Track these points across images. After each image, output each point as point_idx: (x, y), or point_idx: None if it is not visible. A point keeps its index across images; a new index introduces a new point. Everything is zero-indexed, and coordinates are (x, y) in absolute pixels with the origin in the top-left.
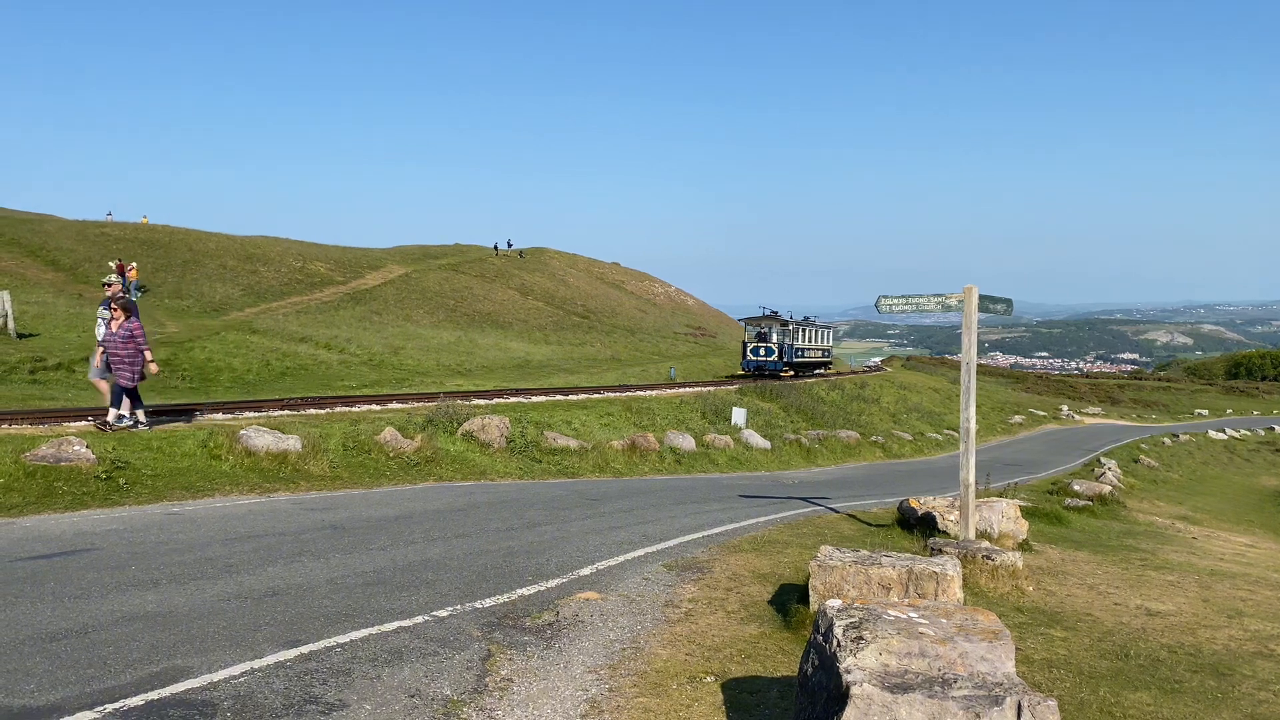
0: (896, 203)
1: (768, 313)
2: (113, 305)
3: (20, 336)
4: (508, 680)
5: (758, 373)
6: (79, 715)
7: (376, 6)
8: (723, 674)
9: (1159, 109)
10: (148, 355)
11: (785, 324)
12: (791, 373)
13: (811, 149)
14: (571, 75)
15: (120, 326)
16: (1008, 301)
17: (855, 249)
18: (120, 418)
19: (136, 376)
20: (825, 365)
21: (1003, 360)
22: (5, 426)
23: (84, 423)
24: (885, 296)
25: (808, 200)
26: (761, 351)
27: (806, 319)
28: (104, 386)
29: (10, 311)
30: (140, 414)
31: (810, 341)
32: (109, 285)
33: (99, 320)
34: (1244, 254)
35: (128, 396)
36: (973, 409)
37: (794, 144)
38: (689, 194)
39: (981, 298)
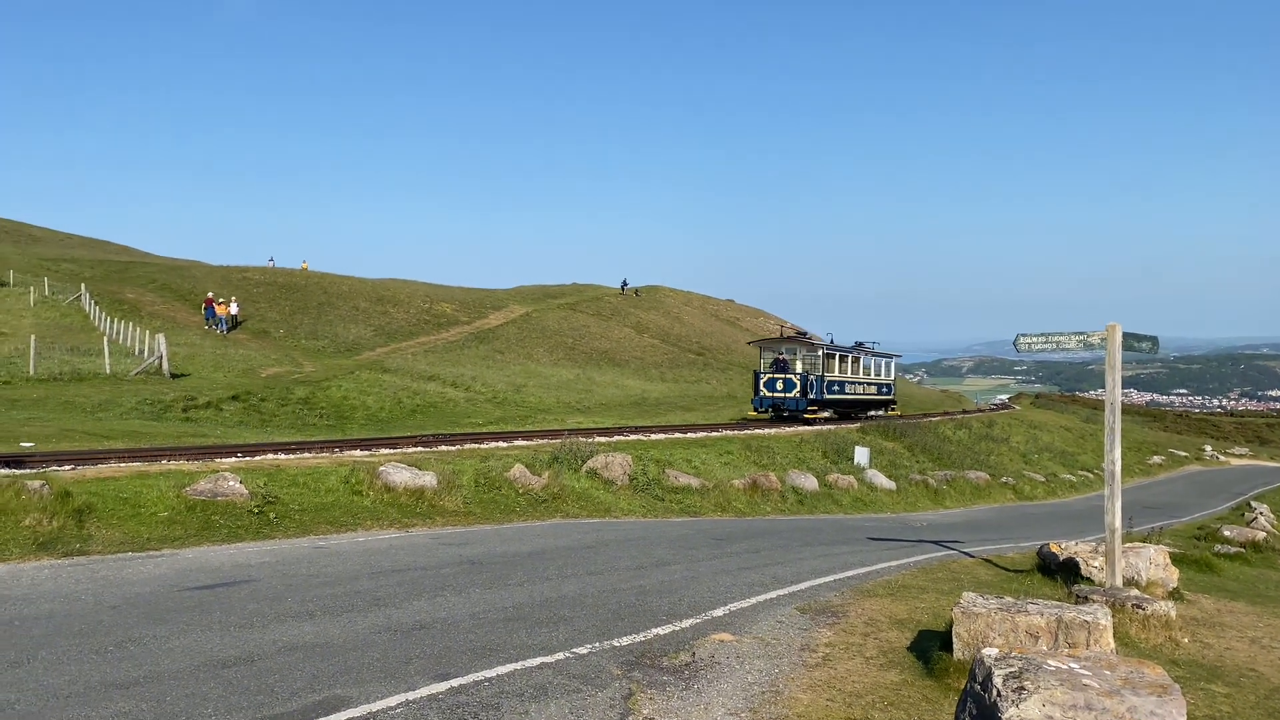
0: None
1: (793, 334)
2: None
3: (173, 376)
4: (650, 719)
5: (775, 413)
6: None
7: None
8: None
9: None
10: None
11: (813, 348)
12: (825, 414)
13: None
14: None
15: None
16: (1153, 339)
17: (979, 282)
18: None
19: None
20: (884, 405)
21: (1138, 398)
22: (166, 462)
23: (235, 458)
24: (1024, 335)
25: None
26: (779, 385)
27: (859, 344)
28: None
29: (165, 353)
30: None
31: (853, 373)
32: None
33: None
34: None
35: None
36: (1118, 450)
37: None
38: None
39: (1126, 335)
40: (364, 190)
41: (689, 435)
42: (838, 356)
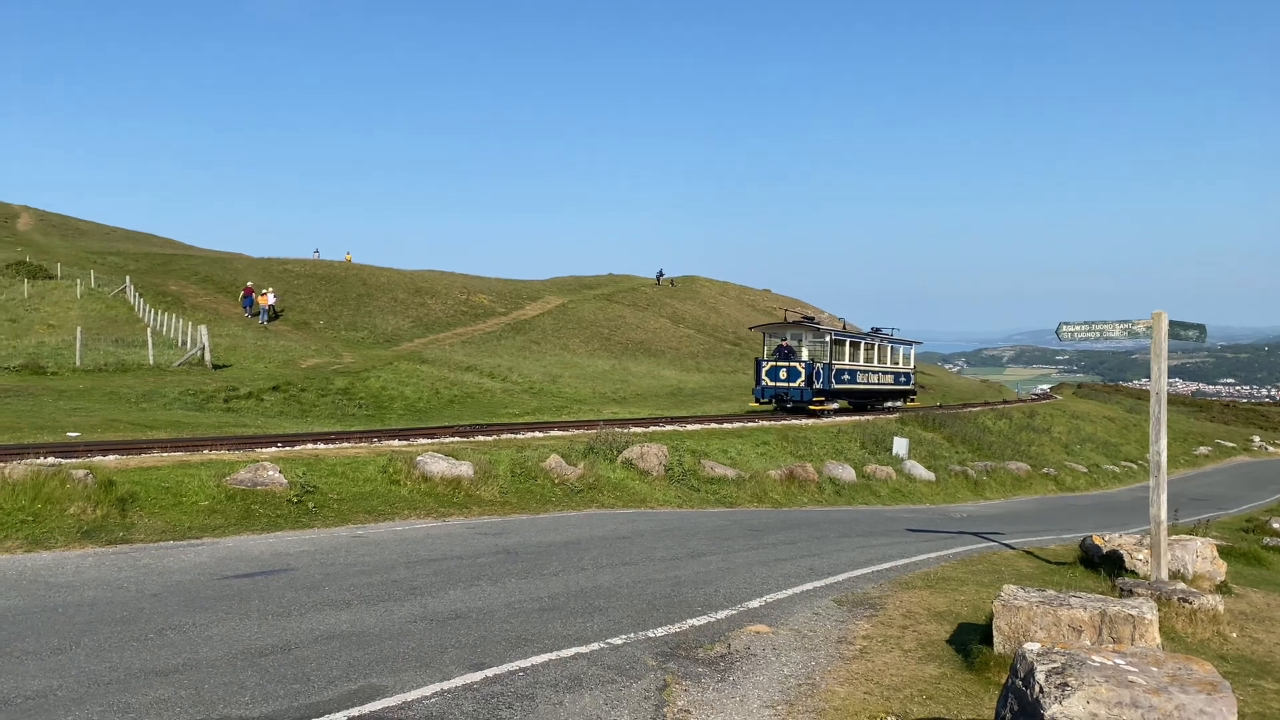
0: (1064, 221)
1: (797, 319)
2: None
3: (215, 367)
4: (685, 712)
5: (778, 404)
6: None
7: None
8: (904, 715)
9: None
10: None
11: (820, 333)
12: (834, 405)
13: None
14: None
15: None
16: (1200, 328)
17: (1020, 271)
18: None
19: None
20: (901, 396)
21: (1184, 387)
22: (207, 452)
23: (275, 448)
24: (1067, 323)
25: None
26: (782, 374)
27: (875, 330)
28: None
29: (207, 345)
30: None
31: (866, 361)
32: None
33: None
34: None
35: None
36: (1164, 441)
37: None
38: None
39: (1172, 324)
40: (405, 183)
41: (725, 426)
42: (848, 343)
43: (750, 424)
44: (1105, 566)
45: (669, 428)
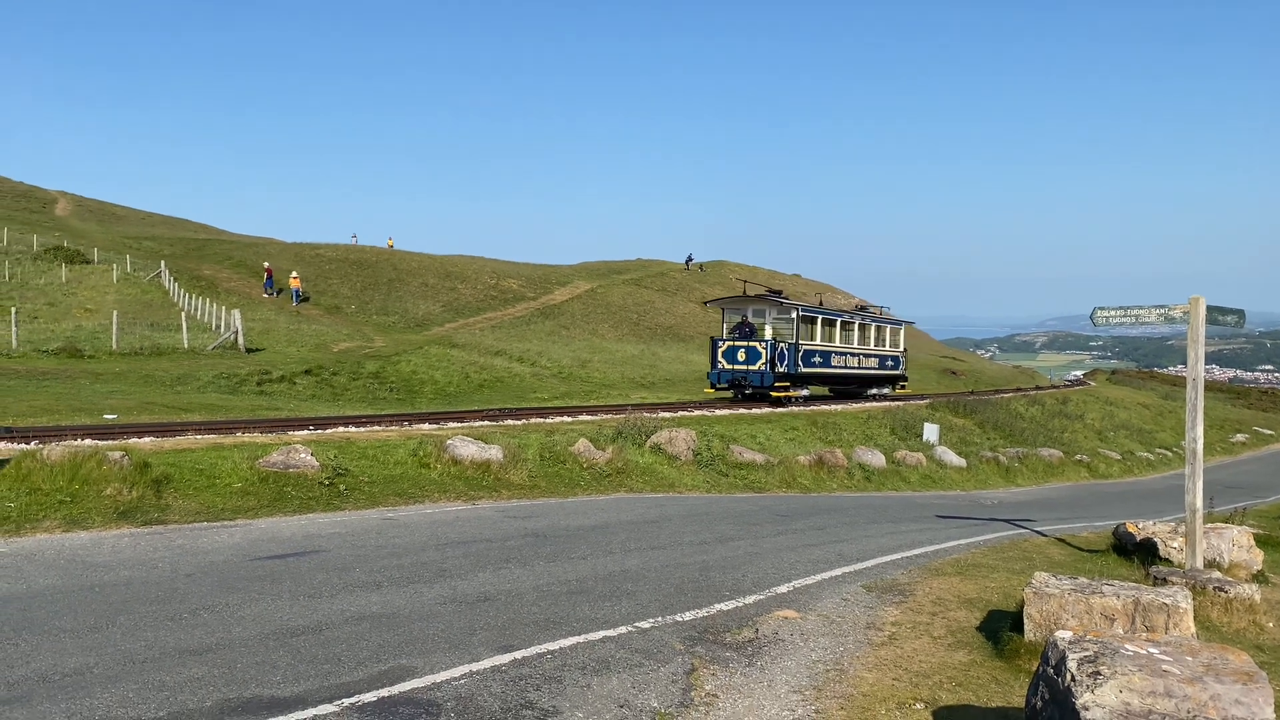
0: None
1: (763, 292)
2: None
3: (249, 351)
4: (713, 696)
5: (736, 391)
6: (320, 708)
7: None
8: (932, 701)
9: None
10: None
11: (786, 309)
12: (803, 392)
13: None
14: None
15: None
16: (1239, 313)
17: (1053, 256)
18: None
19: None
20: (889, 382)
21: (1220, 374)
22: (240, 435)
23: (307, 431)
24: (1102, 308)
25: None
26: (740, 355)
27: (864, 307)
28: None
29: (240, 329)
30: None
31: (843, 342)
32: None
33: None
34: None
35: None
36: (1200, 428)
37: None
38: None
39: (1210, 309)
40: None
41: (753, 411)
42: (820, 321)
43: (779, 409)
44: (1139, 555)
45: (697, 413)
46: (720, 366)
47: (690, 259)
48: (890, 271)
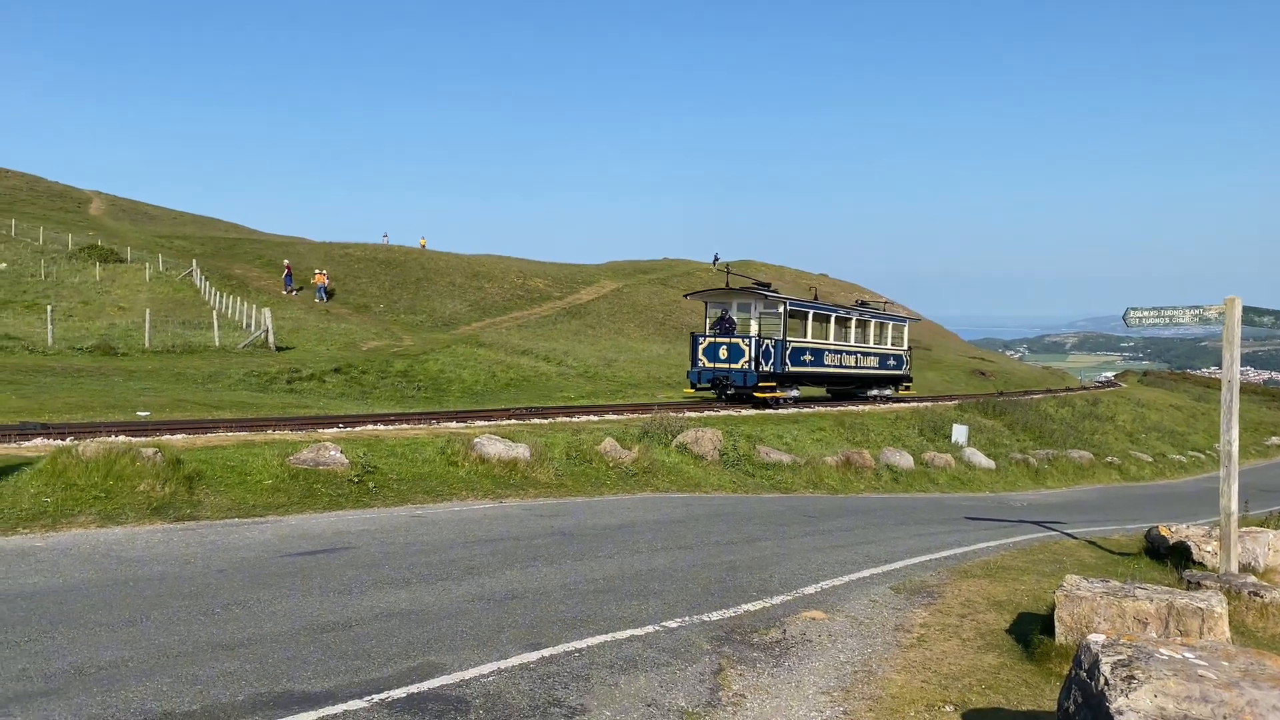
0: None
1: (747, 284)
2: None
3: (279, 349)
4: (740, 696)
5: (718, 391)
6: (350, 704)
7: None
8: (962, 704)
9: None
10: None
11: (773, 304)
12: (792, 393)
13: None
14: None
15: None
16: (1276, 314)
17: (1084, 256)
18: None
19: None
20: (891, 383)
21: (1255, 375)
22: (271, 432)
23: (336, 429)
24: (1135, 309)
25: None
26: (722, 352)
27: (863, 304)
28: None
29: (270, 327)
30: None
31: (838, 339)
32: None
33: None
34: None
35: None
36: (1235, 430)
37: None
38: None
39: (1246, 309)
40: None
41: (779, 411)
42: (811, 316)
43: (806, 409)
44: (1171, 558)
45: (724, 412)
46: (700, 365)
47: (717, 259)
48: (919, 272)
